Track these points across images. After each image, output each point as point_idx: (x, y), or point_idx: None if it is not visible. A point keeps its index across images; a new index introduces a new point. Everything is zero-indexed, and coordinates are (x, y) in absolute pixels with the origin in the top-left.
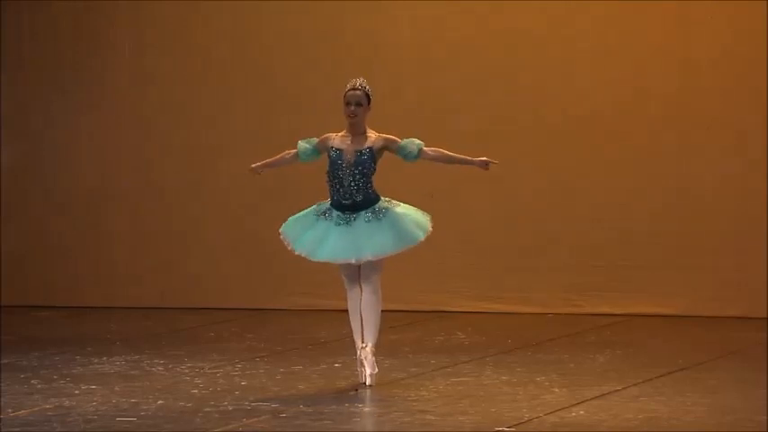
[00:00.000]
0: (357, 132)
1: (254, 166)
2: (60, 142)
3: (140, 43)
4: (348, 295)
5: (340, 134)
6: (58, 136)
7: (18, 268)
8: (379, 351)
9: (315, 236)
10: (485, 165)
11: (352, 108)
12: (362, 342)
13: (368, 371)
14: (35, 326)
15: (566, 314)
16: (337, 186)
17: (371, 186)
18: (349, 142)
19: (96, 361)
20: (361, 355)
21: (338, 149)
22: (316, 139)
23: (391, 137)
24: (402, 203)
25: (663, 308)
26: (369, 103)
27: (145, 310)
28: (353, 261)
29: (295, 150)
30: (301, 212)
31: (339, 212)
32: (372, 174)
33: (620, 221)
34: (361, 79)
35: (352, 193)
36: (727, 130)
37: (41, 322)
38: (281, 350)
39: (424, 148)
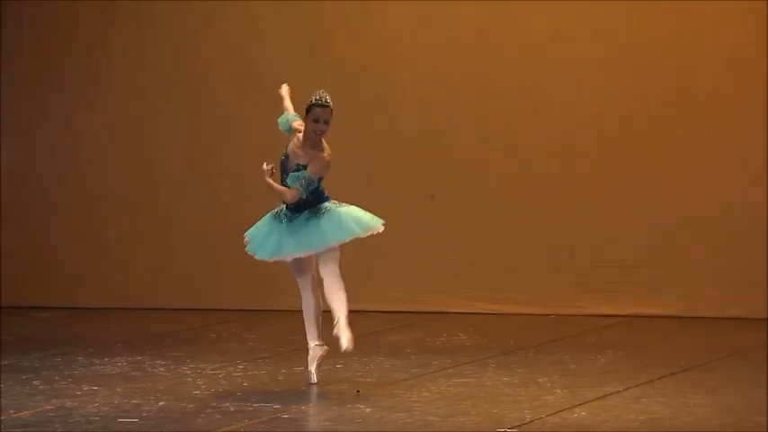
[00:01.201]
0: (313, 147)
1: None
2: (60, 143)
3: (141, 43)
4: (302, 295)
5: (299, 137)
6: (57, 136)
7: (18, 269)
8: (380, 352)
9: (261, 235)
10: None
11: (321, 125)
12: (318, 340)
13: (347, 335)
14: (36, 327)
15: (567, 315)
16: (286, 186)
17: (319, 188)
18: (299, 151)
19: (98, 362)
20: (323, 351)
21: (286, 155)
22: (296, 123)
23: (322, 162)
24: (353, 206)
25: (664, 309)
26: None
27: (146, 311)
28: (288, 260)
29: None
30: (260, 219)
31: (287, 212)
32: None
33: (621, 222)
34: (327, 94)
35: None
36: (727, 132)
37: (42, 323)
38: (282, 351)
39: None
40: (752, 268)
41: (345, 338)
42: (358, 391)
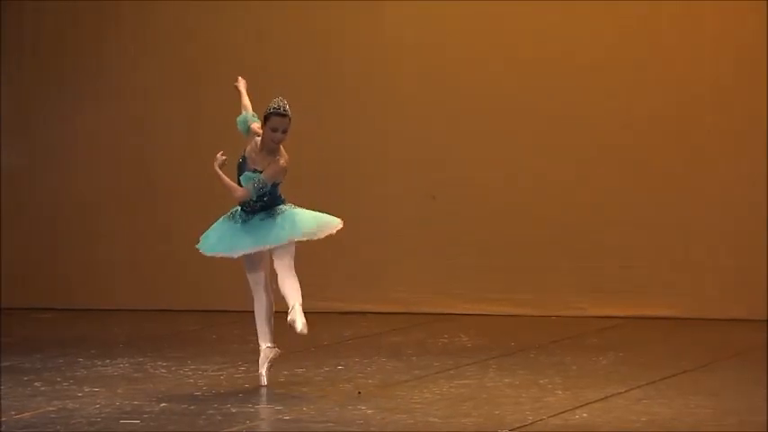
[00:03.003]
0: (270, 153)
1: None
2: (61, 143)
3: (142, 43)
4: (254, 296)
5: (257, 141)
6: (59, 136)
7: (19, 270)
8: (381, 353)
9: (215, 235)
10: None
11: (279, 135)
12: (270, 342)
13: (302, 320)
14: (37, 328)
15: (568, 316)
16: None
17: (276, 192)
18: (256, 156)
19: (99, 363)
20: (274, 354)
21: (244, 157)
22: (254, 125)
23: (277, 167)
24: (309, 210)
25: (666, 310)
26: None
27: (147, 313)
28: (235, 256)
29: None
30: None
31: (242, 213)
32: (271, 187)
33: (622, 223)
34: (285, 102)
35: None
36: (728, 132)
37: (44, 324)
38: (283, 352)
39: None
40: (753, 269)
41: (300, 323)
42: (359, 393)
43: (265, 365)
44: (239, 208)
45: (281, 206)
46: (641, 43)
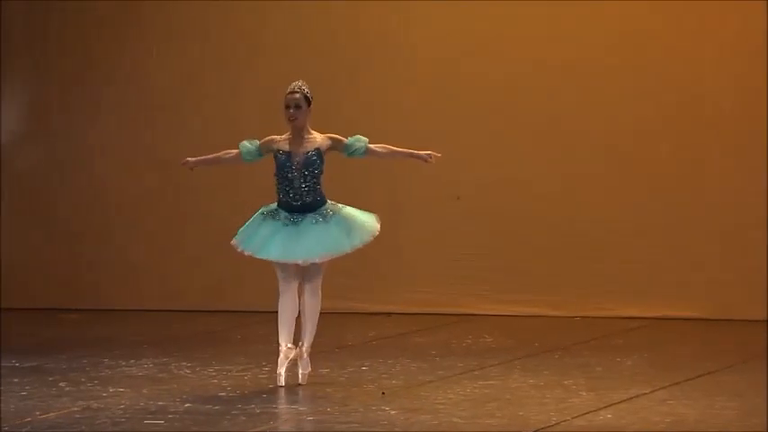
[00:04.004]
0: (302, 134)
1: (188, 159)
2: (83, 144)
3: (160, 44)
4: (282, 296)
5: (284, 136)
6: (80, 137)
7: (45, 271)
8: (405, 354)
9: (262, 235)
10: (428, 157)
11: (291, 111)
12: (290, 343)
13: (301, 371)
14: (63, 328)
15: (593, 317)
16: (287, 188)
17: (320, 188)
18: (296, 144)
19: (124, 363)
20: (294, 354)
21: (286, 152)
22: (258, 141)
23: (336, 136)
24: (347, 206)
25: (691, 311)
26: (309, 105)
27: (172, 313)
28: (300, 262)
29: (236, 151)
30: (248, 221)
31: (287, 213)
32: (321, 174)
33: (648, 225)
34: (300, 81)
35: (303, 194)
36: (734, 132)
37: (69, 325)
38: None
39: (370, 145)
40: None
41: (302, 375)
42: (383, 393)
43: (284, 366)
44: (278, 206)
45: (326, 206)
46: (643, 46)
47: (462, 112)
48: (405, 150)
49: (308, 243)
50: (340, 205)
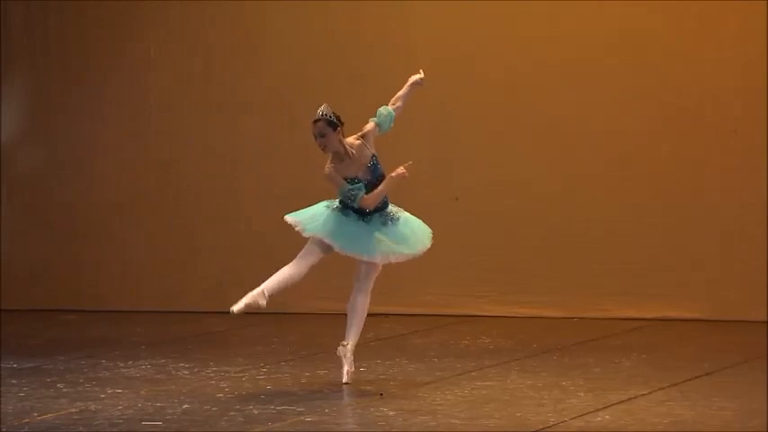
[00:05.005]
0: (346, 153)
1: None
2: (83, 145)
3: (161, 45)
4: (294, 263)
5: (333, 162)
6: (80, 139)
7: (44, 272)
8: (403, 355)
9: (332, 221)
10: (420, 81)
11: (319, 141)
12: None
13: (346, 368)
14: (61, 329)
15: (591, 318)
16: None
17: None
18: (352, 166)
19: (122, 365)
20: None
21: (351, 178)
22: (343, 186)
23: (367, 127)
24: (403, 210)
25: (689, 312)
26: (335, 128)
27: (170, 314)
28: (365, 258)
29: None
30: (310, 207)
31: (351, 211)
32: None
33: (645, 225)
34: (323, 106)
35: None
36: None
37: (67, 326)
38: (306, 354)
39: (391, 109)
40: None
41: (346, 373)
42: (381, 394)
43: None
44: (340, 203)
45: (390, 207)
46: (643, 46)
47: (462, 112)
48: (406, 89)
49: (376, 243)
50: (397, 207)
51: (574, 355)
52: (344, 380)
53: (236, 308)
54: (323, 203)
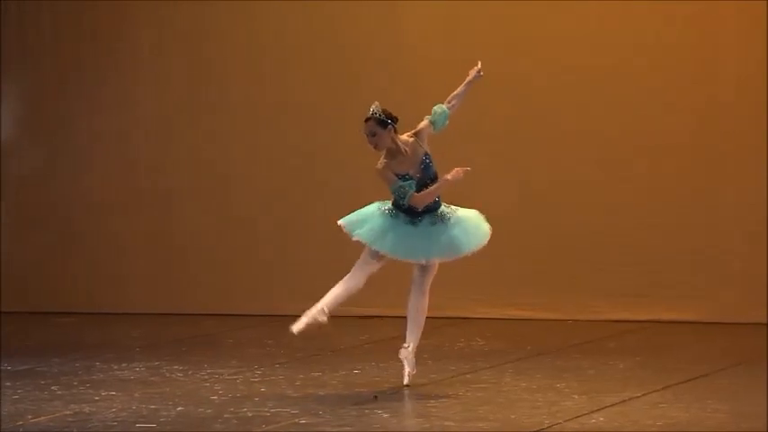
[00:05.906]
0: (399, 151)
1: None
2: (79, 146)
3: (160, 44)
4: (351, 274)
5: (385, 159)
6: (77, 140)
7: (38, 274)
8: (398, 357)
9: (379, 225)
10: (478, 74)
11: (370, 139)
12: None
13: (407, 369)
14: (55, 332)
15: (585, 320)
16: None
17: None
18: (406, 163)
19: (116, 367)
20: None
21: (401, 175)
22: (395, 183)
23: (421, 125)
24: (459, 207)
25: (683, 314)
26: (386, 127)
27: (164, 317)
28: (423, 262)
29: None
30: (363, 209)
31: (401, 213)
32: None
33: (640, 228)
34: (374, 105)
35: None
36: (735, 133)
37: (62, 328)
38: (300, 356)
39: (446, 107)
40: None
41: (407, 375)
42: (376, 397)
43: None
44: (392, 204)
45: (442, 207)
46: (643, 46)
47: (461, 111)
48: (463, 87)
49: (428, 244)
50: (453, 207)
51: (568, 357)
52: (405, 381)
53: (296, 328)
54: (375, 204)
